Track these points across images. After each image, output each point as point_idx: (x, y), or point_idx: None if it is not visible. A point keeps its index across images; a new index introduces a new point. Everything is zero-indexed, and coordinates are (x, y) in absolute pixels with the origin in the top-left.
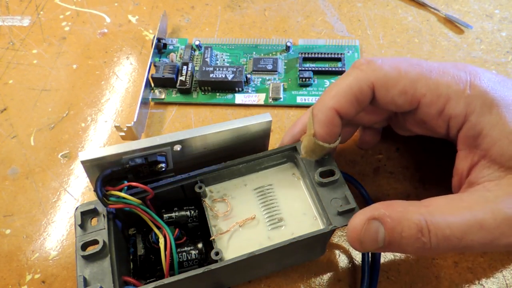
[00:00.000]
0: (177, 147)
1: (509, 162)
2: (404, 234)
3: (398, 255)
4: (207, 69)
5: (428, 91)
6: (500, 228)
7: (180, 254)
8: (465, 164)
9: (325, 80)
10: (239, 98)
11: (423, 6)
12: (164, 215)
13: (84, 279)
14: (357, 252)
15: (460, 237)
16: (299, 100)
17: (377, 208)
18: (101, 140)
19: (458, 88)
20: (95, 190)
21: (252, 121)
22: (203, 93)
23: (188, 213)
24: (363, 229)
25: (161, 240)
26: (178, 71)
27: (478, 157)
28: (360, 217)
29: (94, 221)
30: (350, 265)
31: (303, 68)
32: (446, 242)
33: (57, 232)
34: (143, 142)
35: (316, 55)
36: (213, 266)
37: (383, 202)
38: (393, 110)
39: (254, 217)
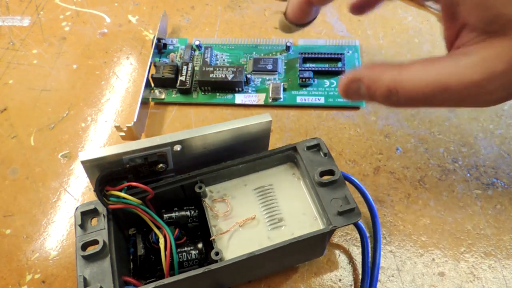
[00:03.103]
0: (177, 147)
1: (487, 27)
2: (377, 92)
3: (399, 256)
4: (207, 69)
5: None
6: (466, 90)
7: (180, 254)
8: (450, 33)
9: (325, 80)
10: (239, 98)
11: (423, 6)
12: (164, 215)
13: (84, 279)
14: (357, 252)
15: (426, 97)
16: (299, 100)
17: (360, 71)
18: (101, 140)
19: None
20: (95, 190)
21: (252, 121)
22: (203, 93)
23: (188, 213)
24: (347, 85)
25: (161, 240)
26: (178, 71)
27: (460, 26)
28: (346, 76)
29: (94, 221)
30: (350, 265)
31: (303, 68)
32: (414, 101)
33: (57, 232)
34: (143, 142)
35: (316, 55)
36: (213, 266)
37: (368, 65)
38: None
39: (254, 217)
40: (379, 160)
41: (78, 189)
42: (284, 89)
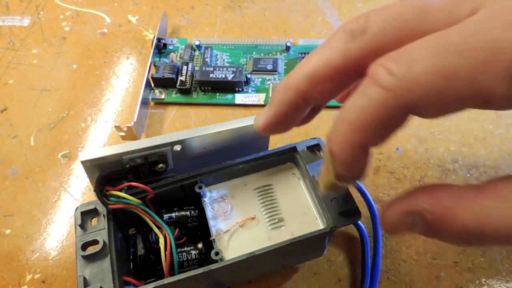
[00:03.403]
0: (177, 147)
1: None
2: (448, 234)
3: (399, 255)
4: (207, 69)
5: (498, 83)
6: None
7: (180, 254)
8: None
9: None
10: (239, 98)
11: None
12: (164, 215)
13: (84, 279)
14: (357, 252)
15: None
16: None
17: (417, 199)
18: (101, 140)
19: None
20: (95, 190)
21: (252, 121)
22: (203, 93)
23: (188, 213)
24: (399, 222)
25: (161, 240)
26: (178, 71)
27: None
28: (396, 209)
29: (94, 221)
30: (350, 265)
31: None
32: (503, 241)
33: (57, 232)
34: (143, 142)
35: None
36: (213, 266)
37: (427, 189)
38: None
39: (254, 217)
40: (379, 160)
41: (78, 189)
42: None
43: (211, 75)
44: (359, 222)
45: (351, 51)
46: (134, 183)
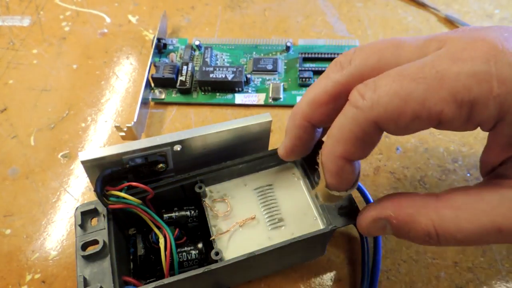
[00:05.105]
0: (177, 147)
1: None
2: (411, 234)
3: (399, 255)
4: (207, 69)
5: (445, 105)
6: None
7: (180, 254)
8: (495, 158)
9: None
10: (239, 98)
11: (423, 6)
12: (164, 215)
13: (84, 279)
14: (357, 252)
15: (474, 240)
16: (299, 100)
17: (384, 207)
18: (101, 140)
19: (481, 89)
20: (95, 190)
21: (252, 121)
22: (203, 93)
23: (188, 213)
24: (370, 226)
25: (161, 240)
26: (178, 71)
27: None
28: (367, 215)
29: (94, 221)
30: (350, 265)
31: (303, 68)
32: (457, 243)
33: (57, 232)
34: (143, 142)
35: (316, 55)
36: (213, 266)
37: (393, 198)
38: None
39: (254, 217)
40: (379, 160)
41: (78, 189)
42: (284, 89)
43: (211, 75)
44: None
45: (340, 79)
46: (134, 183)
